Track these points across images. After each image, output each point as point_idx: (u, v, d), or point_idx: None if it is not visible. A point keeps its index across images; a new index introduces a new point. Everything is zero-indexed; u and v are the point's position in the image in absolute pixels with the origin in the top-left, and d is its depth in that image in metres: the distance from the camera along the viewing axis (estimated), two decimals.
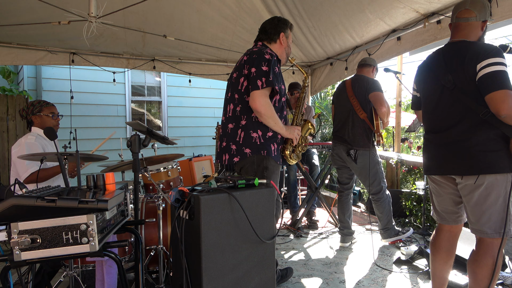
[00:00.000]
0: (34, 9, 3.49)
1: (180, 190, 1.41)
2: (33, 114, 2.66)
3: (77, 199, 1.26)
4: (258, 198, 1.44)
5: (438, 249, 2.11)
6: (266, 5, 4.04)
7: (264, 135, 2.21)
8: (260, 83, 2.10)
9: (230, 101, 2.32)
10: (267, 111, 2.13)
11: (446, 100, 1.93)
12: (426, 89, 2.09)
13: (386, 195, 3.39)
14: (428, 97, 2.07)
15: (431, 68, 2.06)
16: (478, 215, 1.86)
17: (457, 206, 2.04)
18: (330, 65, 5.17)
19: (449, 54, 1.95)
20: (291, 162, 2.39)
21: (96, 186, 1.55)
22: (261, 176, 2.18)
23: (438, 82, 1.96)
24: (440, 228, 2.14)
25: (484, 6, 1.95)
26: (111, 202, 1.34)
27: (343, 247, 3.47)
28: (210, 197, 1.33)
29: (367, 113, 3.28)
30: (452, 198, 2.03)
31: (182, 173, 4.81)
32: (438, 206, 2.13)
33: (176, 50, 4.82)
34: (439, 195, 2.09)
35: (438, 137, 2.00)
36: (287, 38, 2.42)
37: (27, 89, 5.68)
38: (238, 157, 2.22)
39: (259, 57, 2.18)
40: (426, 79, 2.10)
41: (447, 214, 2.09)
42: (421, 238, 3.51)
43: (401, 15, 3.52)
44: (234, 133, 2.24)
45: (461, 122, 1.86)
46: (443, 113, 1.96)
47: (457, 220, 2.08)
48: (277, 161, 2.28)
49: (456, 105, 1.88)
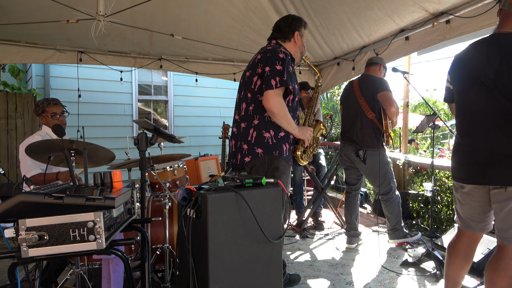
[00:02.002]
0: (42, 8, 3.51)
1: (187, 188, 1.40)
2: (39, 115, 2.69)
3: (85, 196, 1.26)
4: (265, 197, 1.43)
5: (456, 253, 1.99)
6: (274, 5, 4.02)
7: (276, 135, 2.19)
8: (274, 82, 2.07)
9: (243, 100, 2.29)
10: (280, 111, 2.10)
11: (483, 100, 1.70)
12: (462, 84, 1.85)
13: (396, 196, 3.35)
14: (463, 94, 1.84)
15: (470, 60, 1.79)
16: (509, 224, 1.73)
17: (486, 214, 1.89)
18: (337, 65, 5.14)
19: (493, 47, 1.68)
20: (302, 163, 2.36)
21: (103, 184, 1.55)
22: (271, 176, 2.17)
23: (476, 78, 1.72)
24: (461, 233, 2.01)
25: None
26: (118, 199, 1.33)
27: (349, 248, 3.44)
28: (217, 196, 1.32)
29: (376, 113, 3.25)
30: (482, 206, 1.87)
31: (188, 172, 4.82)
32: (463, 213, 1.98)
33: (183, 50, 4.83)
34: (466, 203, 1.94)
35: (472, 142, 1.80)
36: (301, 37, 2.39)
37: (35, 87, 5.73)
38: (250, 156, 2.19)
39: (273, 55, 2.15)
40: (462, 72, 1.84)
41: (473, 222, 1.94)
42: (428, 240, 3.47)
43: (410, 14, 3.48)
44: (246, 133, 2.22)
45: (501, 126, 1.67)
46: (478, 114, 1.75)
47: (484, 229, 1.93)
48: (288, 161, 2.26)
49: (494, 107, 1.67)
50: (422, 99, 3.20)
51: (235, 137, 2.33)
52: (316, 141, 2.48)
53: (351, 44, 4.50)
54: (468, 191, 1.89)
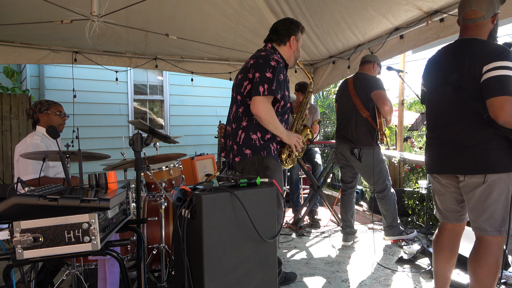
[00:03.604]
0: (36, 8, 3.49)
1: (182, 189, 1.40)
2: (41, 112, 2.67)
3: (79, 198, 1.26)
4: (260, 197, 1.44)
5: (440, 248, 2.10)
6: (268, 4, 4.02)
7: (263, 137, 2.23)
8: (262, 89, 2.10)
9: (234, 102, 2.35)
10: (267, 117, 2.12)
11: (450, 98, 1.91)
12: (432, 85, 2.06)
13: (391, 193, 3.38)
14: (433, 94, 2.05)
15: (438, 64, 2.02)
16: (479, 213, 1.85)
17: (460, 205, 2.03)
18: (332, 64, 5.15)
19: (457, 52, 1.91)
20: (286, 166, 2.40)
21: (98, 185, 1.55)
22: (263, 175, 2.18)
23: (444, 79, 1.93)
24: (442, 226, 2.14)
25: (491, 2, 1.86)
26: (113, 201, 1.34)
27: (345, 246, 3.46)
28: (212, 196, 1.33)
29: (370, 111, 3.27)
30: (455, 196, 2.02)
31: (184, 172, 4.80)
32: (440, 204, 2.12)
33: (178, 49, 4.82)
34: (441, 194, 2.09)
35: (439, 135, 1.99)
36: (297, 41, 2.40)
37: (30, 88, 5.69)
38: (239, 157, 2.24)
39: (264, 62, 2.17)
40: (432, 75, 2.06)
41: (449, 212, 2.08)
42: (423, 237, 3.50)
43: (404, 13, 3.50)
44: (235, 134, 2.27)
45: (463, 121, 1.85)
46: (446, 110, 1.95)
47: (460, 219, 2.07)
48: (278, 160, 2.30)
49: (459, 104, 1.86)
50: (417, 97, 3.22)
51: (227, 136, 2.38)
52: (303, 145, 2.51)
53: (346, 43, 4.51)
54: (440, 181, 2.05)
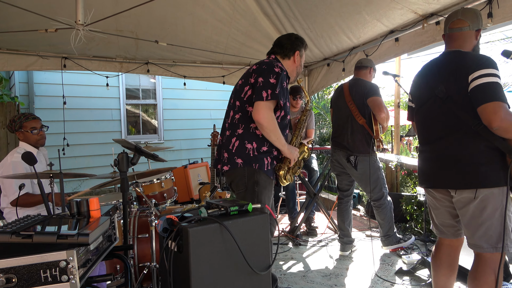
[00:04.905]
0: (23, 14, 3.37)
1: (169, 218, 1.31)
2: (16, 130, 2.57)
3: (56, 234, 1.17)
4: (252, 226, 1.34)
5: (439, 264, 2.04)
6: (261, 7, 3.93)
7: (258, 148, 2.11)
8: (265, 94, 2.01)
9: (231, 108, 2.25)
10: (269, 125, 2.02)
11: (438, 111, 1.90)
12: (420, 98, 2.06)
13: (388, 202, 3.31)
14: (421, 107, 2.04)
15: (425, 78, 2.03)
16: (473, 229, 1.80)
17: (455, 220, 1.98)
18: (327, 66, 5.07)
19: (442, 64, 1.93)
20: (283, 183, 2.29)
21: (80, 213, 1.46)
22: (251, 190, 2.10)
23: (431, 92, 1.92)
24: (440, 242, 2.08)
25: (476, 15, 1.93)
26: (94, 234, 1.24)
27: (343, 256, 3.39)
28: (200, 229, 1.24)
29: (366, 118, 3.19)
30: (449, 211, 1.98)
31: (177, 181, 4.71)
32: (436, 219, 2.08)
33: (170, 53, 4.72)
34: (436, 208, 2.04)
35: (429, 148, 1.97)
36: (301, 57, 2.37)
37: (18, 95, 5.57)
38: (229, 166, 2.13)
39: (268, 68, 2.10)
40: (420, 89, 2.07)
41: (445, 227, 2.03)
42: (422, 245, 3.43)
43: (399, 16, 3.42)
44: (228, 141, 2.16)
45: (452, 133, 1.83)
46: (434, 123, 1.94)
47: (456, 234, 2.02)
48: (270, 176, 2.18)
49: (447, 116, 1.85)
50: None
51: (220, 146, 2.28)
52: (299, 164, 2.42)
53: (341, 45, 4.43)
54: (434, 195, 2.00)
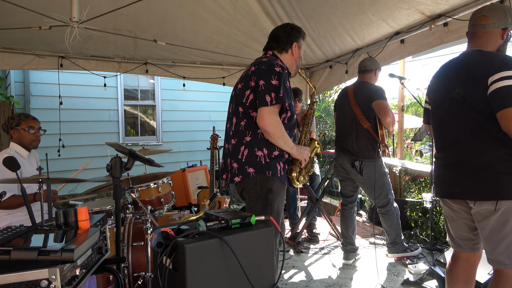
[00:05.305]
0: (18, 11, 3.26)
1: (163, 231, 1.20)
2: (12, 128, 2.48)
3: (37, 249, 1.05)
4: (255, 241, 1.23)
5: (455, 280, 1.91)
6: (263, 7, 3.83)
7: (270, 153, 1.99)
8: (269, 98, 1.88)
9: (234, 115, 2.10)
10: (276, 131, 1.91)
11: (455, 115, 1.77)
12: (436, 101, 1.93)
13: (394, 208, 3.19)
14: (437, 111, 1.91)
15: (442, 79, 1.89)
16: (494, 244, 1.68)
17: (473, 232, 1.85)
18: (329, 68, 4.97)
19: (461, 64, 1.79)
20: (297, 185, 2.16)
21: (67, 224, 1.34)
22: (265, 198, 1.98)
23: (448, 94, 1.79)
24: (456, 255, 1.95)
25: (504, 12, 1.77)
26: (80, 249, 1.13)
27: (346, 264, 3.27)
28: (198, 245, 1.12)
29: (371, 122, 3.08)
30: (467, 223, 1.84)
31: (175, 184, 4.58)
32: (453, 231, 1.94)
33: (170, 53, 4.60)
34: (453, 220, 1.91)
35: (445, 155, 1.85)
36: (299, 48, 2.20)
37: (14, 94, 5.45)
38: (240, 176, 2.00)
39: (268, 69, 1.96)
40: (436, 90, 1.93)
41: (463, 241, 1.90)
42: (428, 253, 3.31)
43: (405, 17, 3.32)
44: (237, 150, 2.02)
45: (471, 139, 1.71)
46: (451, 128, 1.81)
47: (475, 248, 1.88)
48: (284, 182, 2.06)
49: (465, 120, 1.73)
50: (415, 100, 3.04)
51: (226, 155, 2.15)
52: (311, 161, 2.29)
53: (344, 47, 4.32)
54: (451, 206, 1.89)
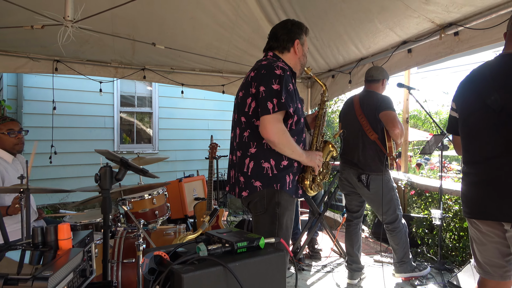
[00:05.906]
0: (12, 10, 3.11)
1: (156, 255, 1.03)
2: None
3: (2, 277, 0.87)
4: (265, 267, 1.05)
5: None
6: (265, 13, 3.72)
7: (277, 165, 1.83)
8: (271, 105, 1.74)
9: (237, 125, 1.96)
10: (281, 140, 1.76)
11: (489, 124, 1.60)
12: (465, 109, 1.75)
13: (402, 225, 3.01)
14: (467, 120, 1.73)
15: (474, 85, 1.71)
16: None
17: (505, 259, 1.66)
18: (332, 78, 4.86)
19: (497, 68, 1.62)
20: (310, 194, 2.00)
21: (45, 243, 1.16)
22: (272, 212, 1.82)
23: (482, 102, 1.62)
24: (483, 283, 1.75)
25: None
26: (56, 277, 0.95)
27: (351, 284, 3.07)
28: (197, 274, 0.94)
29: (378, 134, 2.93)
30: (499, 248, 1.65)
31: (170, 195, 4.38)
32: (480, 256, 1.75)
33: (168, 59, 4.46)
34: (481, 244, 1.72)
35: (477, 170, 1.66)
36: (302, 45, 2.04)
37: (6, 98, 5.27)
38: (247, 191, 1.86)
39: (268, 73, 1.81)
40: (466, 97, 1.75)
41: (491, 267, 1.71)
42: (437, 273, 3.13)
43: (414, 26, 3.20)
44: (242, 163, 1.88)
45: (508, 152, 1.53)
46: (485, 141, 1.63)
47: (505, 276, 1.69)
48: (292, 195, 1.90)
49: (502, 131, 1.56)
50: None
51: (231, 166, 2.00)
52: (326, 166, 2.11)
53: (348, 56, 4.22)
54: (480, 228, 1.69)
